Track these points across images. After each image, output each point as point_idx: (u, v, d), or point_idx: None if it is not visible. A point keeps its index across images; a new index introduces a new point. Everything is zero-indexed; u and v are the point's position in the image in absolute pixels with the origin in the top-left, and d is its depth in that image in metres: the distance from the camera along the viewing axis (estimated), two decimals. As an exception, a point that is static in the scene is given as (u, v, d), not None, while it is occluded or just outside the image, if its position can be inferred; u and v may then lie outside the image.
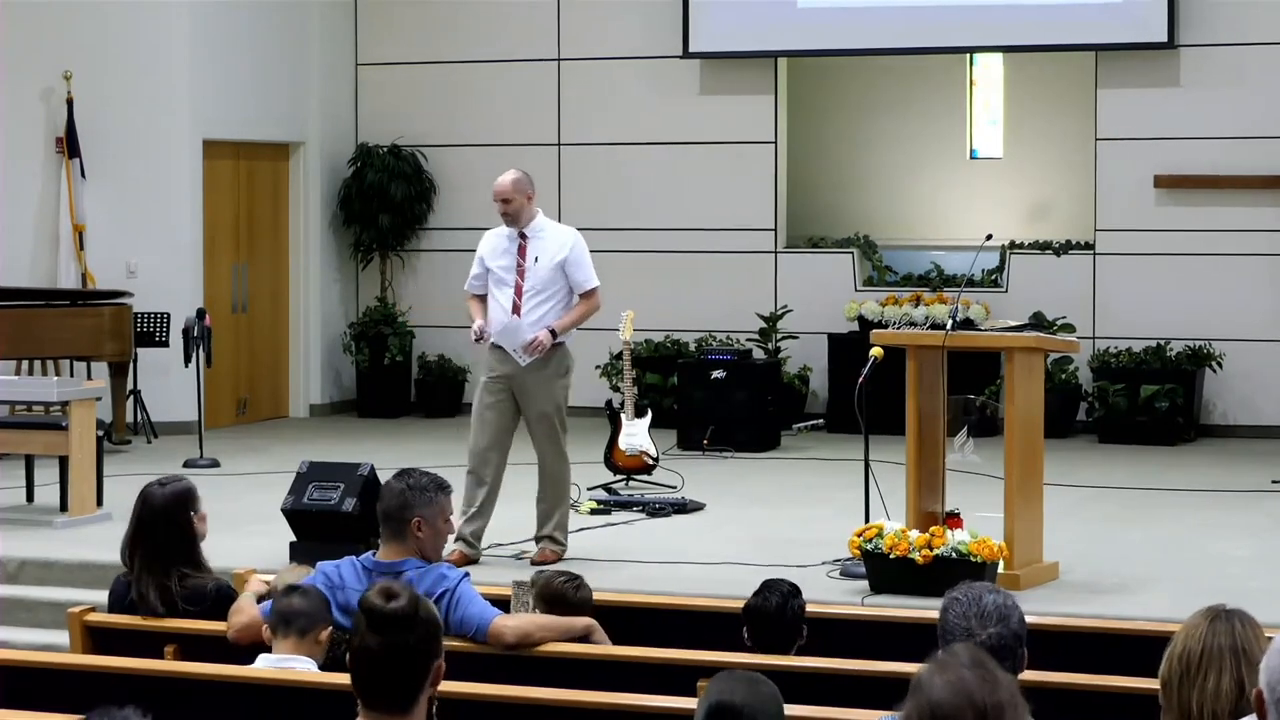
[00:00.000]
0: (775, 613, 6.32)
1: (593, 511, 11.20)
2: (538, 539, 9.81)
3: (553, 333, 9.70)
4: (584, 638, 6.40)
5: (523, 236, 9.81)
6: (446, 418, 16.02)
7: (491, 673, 6.00)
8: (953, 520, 8.99)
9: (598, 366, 15.61)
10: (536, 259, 9.76)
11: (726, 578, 9.02)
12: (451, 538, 8.23)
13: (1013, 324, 9.91)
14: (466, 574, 6.31)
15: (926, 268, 15.71)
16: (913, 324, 14.27)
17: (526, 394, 9.75)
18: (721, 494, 11.90)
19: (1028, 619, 4.61)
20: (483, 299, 9.90)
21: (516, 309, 9.71)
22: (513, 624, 6.24)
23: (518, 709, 5.66)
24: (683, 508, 11.37)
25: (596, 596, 6.69)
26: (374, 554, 6.31)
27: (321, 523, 9.41)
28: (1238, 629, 3.85)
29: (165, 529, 6.56)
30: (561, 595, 6.53)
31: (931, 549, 8.70)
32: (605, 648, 6.32)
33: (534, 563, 9.56)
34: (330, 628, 5.97)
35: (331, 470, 9.69)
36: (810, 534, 10.33)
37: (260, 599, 6.41)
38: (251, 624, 6.20)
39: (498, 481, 9.77)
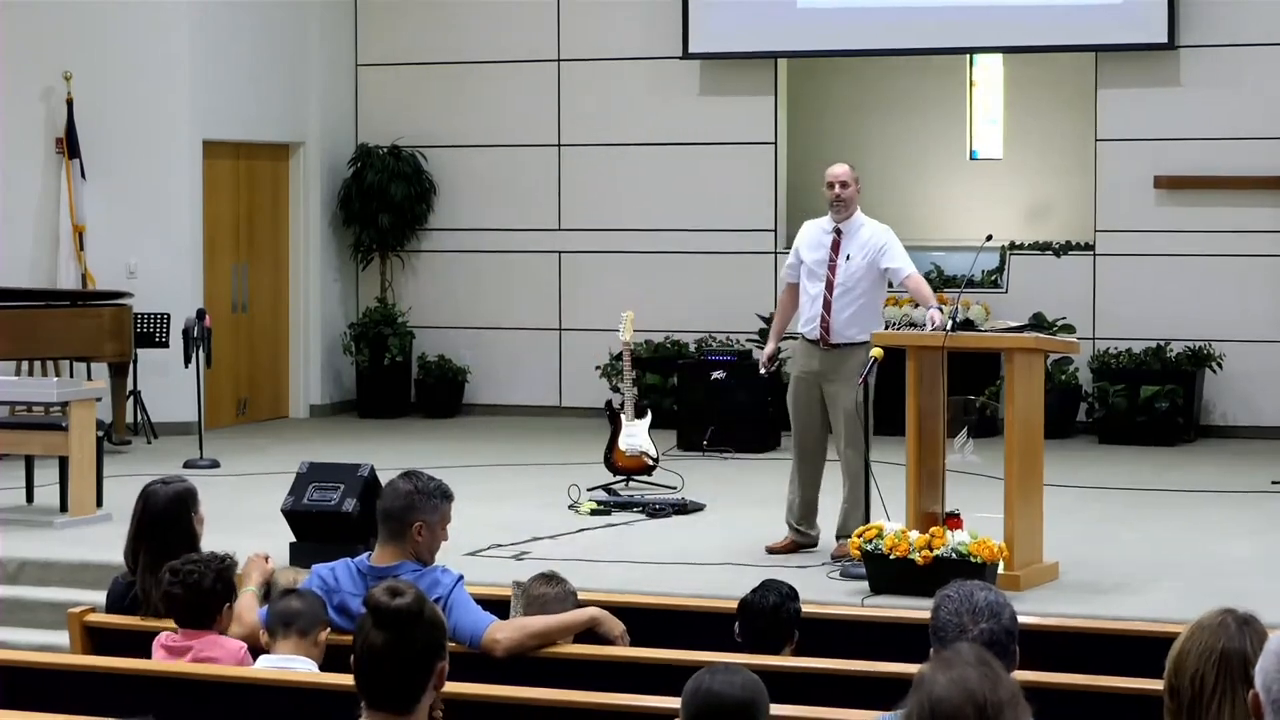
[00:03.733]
0: (770, 611, 6.30)
1: (593, 512, 11.20)
2: (840, 535, 9.78)
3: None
4: (590, 630, 6.35)
5: (838, 232, 9.93)
6: (446, 418, 16.02)
7: (490, 673, 5.99)
8: (953, 521, 8.99)
9: (598, 367, 15.62)
10: (849, 256, 9.88)
11: (726, 578, 9.01)
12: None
13: (1013, 324, 9.93)
14: (461, 578, 6.26)
15: (926, 268, 15.68)
16: (913, 324, 14.26)
17: (833, 391, 9.84)
18: (721, 494, 11.89)
19: (1028, 619, 4.61)
20: (795, 288, 10.10)
21: (828, 305, 9.82)
22: (505, 636, 6.13)
23: (516, 709, 5.65)
24: (683, 508, 11.36)
25: (597, 597, 6.67)
26: (369, 556, 6.30)
27: (321, 524, 9.39)
28: (1241, 634, 3.72)
29: (167, 529, 6.56)
30: (537, 596, 6.46)
31: (931, 550, 8.70)
32: (604, 648, 6.30)
33: (833, 557, 9.64)
34: (329, 628, 5.98)
35: (331, 471, 9.67)
36: (810, 534, 10.33)
37: (265, 594, 6.41)
38: (249, 635, 6.19)
39: (818, 476, 9.98)
